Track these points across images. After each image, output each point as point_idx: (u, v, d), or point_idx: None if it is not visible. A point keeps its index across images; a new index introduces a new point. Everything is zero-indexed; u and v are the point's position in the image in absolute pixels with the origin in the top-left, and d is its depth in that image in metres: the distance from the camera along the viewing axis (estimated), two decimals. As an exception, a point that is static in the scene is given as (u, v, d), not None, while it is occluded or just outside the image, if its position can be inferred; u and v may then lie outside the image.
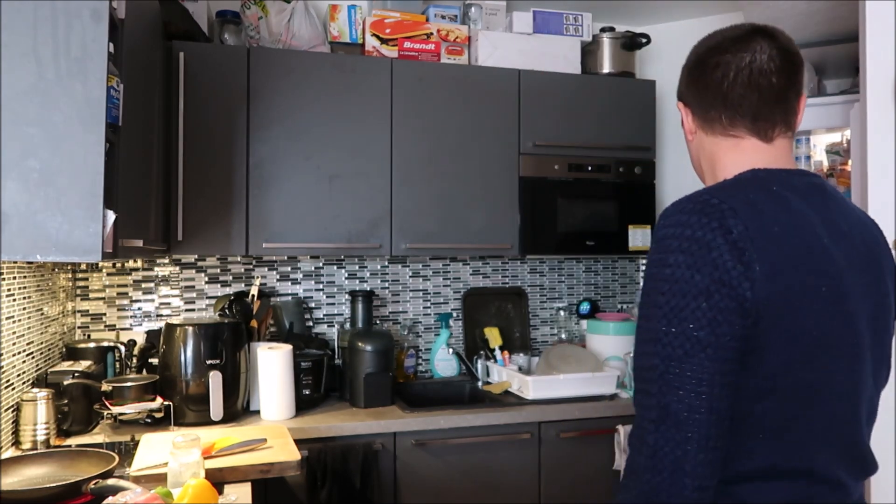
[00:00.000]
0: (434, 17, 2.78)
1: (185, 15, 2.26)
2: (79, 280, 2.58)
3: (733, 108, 1.05)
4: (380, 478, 2.25)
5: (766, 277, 0.89)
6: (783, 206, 0.96)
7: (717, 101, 1.06)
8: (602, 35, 2.91)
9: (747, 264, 0.88)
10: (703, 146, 1.12)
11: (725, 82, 1.04)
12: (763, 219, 0.92)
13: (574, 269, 3.23)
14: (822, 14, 2.52)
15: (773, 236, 0.91)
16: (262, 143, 2.44)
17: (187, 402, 2.19)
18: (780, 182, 1.00)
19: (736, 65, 1.03)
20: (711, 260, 0.89)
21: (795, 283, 0.91)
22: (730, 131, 1.07)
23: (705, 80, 1.07)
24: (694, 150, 1.16)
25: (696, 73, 1.09)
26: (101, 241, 1.34)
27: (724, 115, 1.06)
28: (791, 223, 0.94)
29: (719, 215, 0.90)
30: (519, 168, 2.71)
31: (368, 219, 2.54)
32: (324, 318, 2.86)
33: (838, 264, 0.96)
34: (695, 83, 1.10)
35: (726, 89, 1.04)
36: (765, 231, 0.91)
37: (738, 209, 0.91)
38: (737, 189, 0.97)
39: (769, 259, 0.89)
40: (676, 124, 3.18)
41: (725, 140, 1.08)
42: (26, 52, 1.31)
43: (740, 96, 1.04)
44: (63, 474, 1.59)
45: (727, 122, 1.06)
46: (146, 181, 2.00)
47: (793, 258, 0.92)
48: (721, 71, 1.04)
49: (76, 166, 1.33)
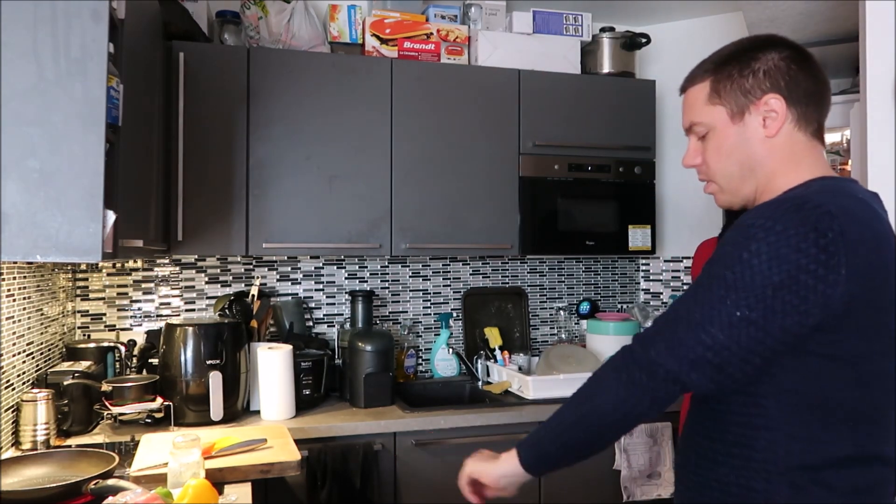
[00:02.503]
0: (434, 17, 2.78)
1: (185, 15, 2.26)
2: (79, 280, 2.58)
3: (824, 107, 1.07)
4: (380, 478, 2.25)
5: (852, 279, 0.94)
6: (872, 212, 1.01)
7: (822, 99, 1.07)
8: (602, 35, 2.91)
9: (834, 268, 0.93)
10: (784, 148, 1.08)
11: (819, 73, 1.07)
12: (858, 225, 0.96)
13: (574, 269, 3.23)
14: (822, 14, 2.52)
15: (866, 241, 0.96)
16: (262, 142, 2.44)
17: (187, 402, 2.19)
18: (859, 190, 1.05)
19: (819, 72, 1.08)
20: (794, 261, 0.93)
21: (881, 285, 0.98)
22: (819, 133, 1.09)
23: (814, 75, 1.07)
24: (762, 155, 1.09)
25: (806, 65, 1.07)
26: (101, 241, 1.34)
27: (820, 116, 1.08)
28: (880, 229, 1.00)
29: (815, 218, 0.94)
30: (519, 168, 2.71)
31: (368, 219, 2.54)
32: (324, 318, 2.86)
33: None
34: (795, 75, 1.06)
35: (823, 91, 1.07)
36: (859, 237, 0.95)
37: (836, 213, 0.95)
38: (830, 194, 1.00)
39: (859, 263, 0.94)
40: (676, 124, 3.17)
41: (809, 141, 1.09)
42: (26, 52, 1.31)
43: (827, 99, 1.08)
44: (63, 474, 1.59)
45: (816, 115, 1.08)
46: (146, 181, 2.00)
47: (879, 260, 0.98)
48: (822, 72, 1.07)
49: (76, 166, 1.33)
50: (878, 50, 2.01)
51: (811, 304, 0.94)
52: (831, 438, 0.99)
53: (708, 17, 3.12)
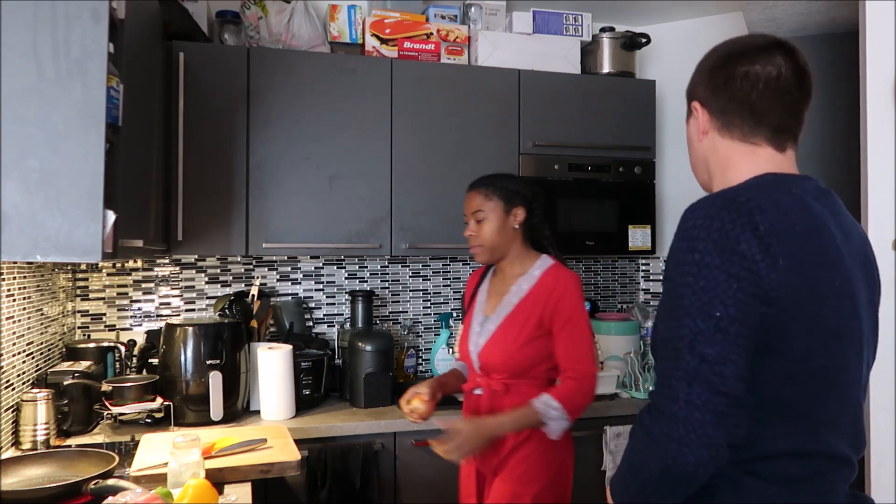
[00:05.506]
0: (434, 17, 2.78)
1: (185, 15, 2.26)
2: (79, 280, 2.58)
3: (758, 117, 1.10)
4: (380, 478, 2.25)
5: (789, 271, 0.96)
6: (803, 206, 1.03)
7: (742, 109, 1.11)
8: (602, 35, 2.91)
9: (773, 257, 0.96)
10: (716, 149, 1.15)
11: (754, 93, 1.09)
12: (787, 217, 0.99)
13: (574, 269, 3.22)
14: (822, 14, 2.52)
15: (796, 234, 0.99)
16: (262, 143, 2.44)
17: (187, 402, 2.19)
18: (797, 185, 1.07)
19: (765, 77, 1.08)
20: (740, 252, 0.95)
21: (815, 277, 0.99)
22: (749, 138, 1.12)
23: (732, 88, 1.11)
24: (701, 151, 1.18)
25: (722, 79, 1.12)
26: (101, 241, 1.34)
27: (748, 123, 1.11)
28: (811, 223, 1.02)
29: (747, 212, 0.97)
30: (519, 168, 2.71)
31: (368, 219, 2.54)
32: (324, 318, 2.86)
33: (847, 261, 1.05)
34: (720, 88, 1.13)
35: (754, 99, 1.09)
36: (789, 229, 0.98)
37: (765, 207, 0.98)
38: (761, 189, 1.04)
39: (792, 254, 0.97)
40: (676, 124, 3.17)
41: (743, 146, 1.13)
42: (26, 52, 1.31)
43: (767, 108, 1.09)
44: (63, 474, 1.59)
45: (749, 130, 1.11)
46: (146, 181, 2.00)
47: (813, 254, 1.00)
48: (750, 81, 1.09)
49: (76, 166, 1.33)
50: (878, 50, 2.01)
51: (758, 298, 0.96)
52: (769, 435, 1.00)
53: (708, 17, 3.12)
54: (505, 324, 1.92)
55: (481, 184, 1.98)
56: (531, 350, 1.87)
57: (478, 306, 2.04)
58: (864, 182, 2.04)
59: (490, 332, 1.94)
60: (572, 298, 1.88)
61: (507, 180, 1.99)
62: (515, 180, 2.01)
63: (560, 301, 1.87)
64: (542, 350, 1.88)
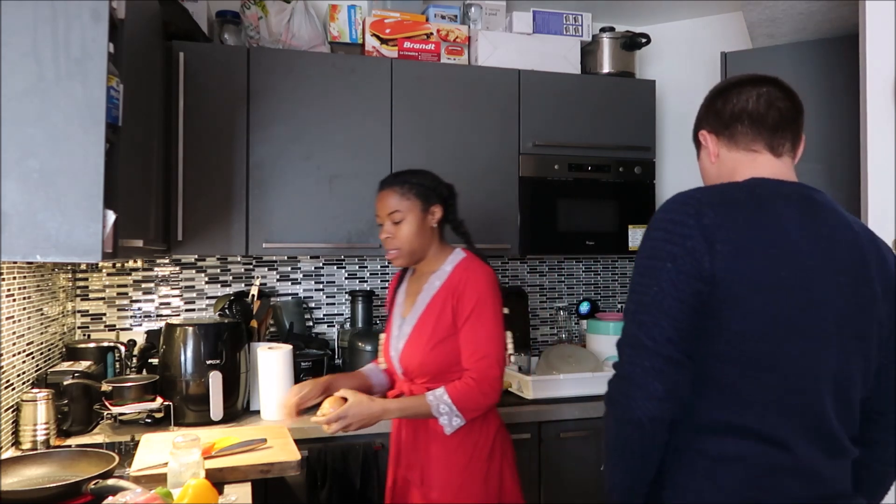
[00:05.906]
0: (434, 17, 2.78)
1: (185, 15, 2.26)
2: (79, 280, 2.58)
3: (758, 119, 1.23)
4: (380, 478, 2.25)
5: (726, 256, 1.09)
6: (757, 203, 1.15)
7: (742, 115, 1.24)
8: (602, 35, 2.91)
9: (711, 243, 1.10)
10: (725, 163, 1.28)
11: (750, 102, 1.24)
12: (733, 211, 1.13)
13: (574, 269, 3.23)
14: (822, 14, 2.52)
15: (739, 225, 1.12)
16: (262, 143, 2.44)
17: (187, 402, 2.19)
18: (769, 187, 1.19)
19: (756, 91, 1.24)
20: (682, 235, 1.11)
21: (754, 267, 1.10)
22: (751, 145, 1.24)
23: (731, 105, 1.25)
24: (715, 172, 1.30)
25: (720, 102, 1.27)
26: (101, 241, 1.34)
27: (750, 127, 1.23)
28: (762, 220, 1.14)
29: (696, 205, 1.13)
30: (519, 168, 2.71)
31: (368, 219, 2.54)
32: (324, 318, 2.86)
33: (805, 260, 1.13)
34: (719, 109, 1.27)
35: (751, 107, 1.23)
36: (732, 220, 1.12)
37: (714, 203, 1.14)
38: (720, 189, 1.19)
39: (732, 242, 1.10)
40: (676, 124, 3.18)
41: (746, 155, 1.25)
42: (26, 52, 1.31)
43: (763, 112, 1.23)
44: (63, 474, 1.59)
45: (751, 134, 1.23)
46: (146, 181, 2.00)
47: (754, 244, 1.11)
48: (745, 95, 1.24)
49: (76, 166, 1.33)
50: (878, 50, 2.01)
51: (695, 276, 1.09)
52: (705, 408, 1.13)
53: (708, 17, 3.12)
54: (418, 325, 1.84)
55: (395, 182, 1.86)
56: (445, 350, 1.78)
57: (396, 309, 1.96)
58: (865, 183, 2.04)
59: (406, 335, 1.86)
60: (476, 292, 1.77)
61: (422, 177, 1.88)
62: (431, 177, 1.90)
63: (463, 295, 1.77)
64: (458, 349, 1.79)
